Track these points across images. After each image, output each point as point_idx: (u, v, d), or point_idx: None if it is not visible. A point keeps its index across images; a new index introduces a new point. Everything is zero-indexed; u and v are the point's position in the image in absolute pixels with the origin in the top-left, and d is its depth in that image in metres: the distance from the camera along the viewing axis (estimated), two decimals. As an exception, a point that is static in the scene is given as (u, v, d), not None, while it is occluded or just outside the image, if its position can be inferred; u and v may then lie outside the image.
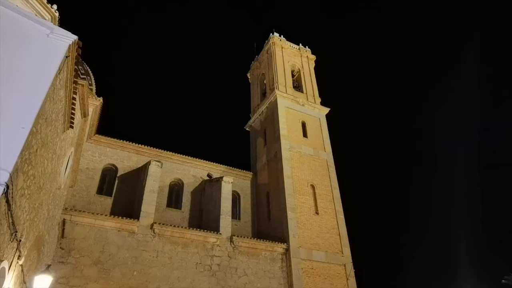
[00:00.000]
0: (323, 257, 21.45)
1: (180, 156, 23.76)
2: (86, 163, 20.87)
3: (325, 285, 20.63)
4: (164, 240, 18.11)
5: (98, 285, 15.77)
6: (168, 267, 17.51)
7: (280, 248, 20.81)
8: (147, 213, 18.42)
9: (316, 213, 23.21)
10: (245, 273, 19.29)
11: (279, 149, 24.67)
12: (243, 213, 24.66)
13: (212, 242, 19.24)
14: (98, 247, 16.55)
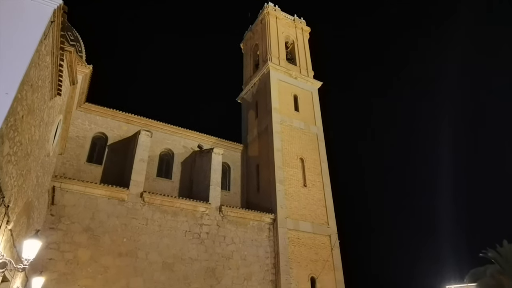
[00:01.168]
0: (309, 228, 22.10)
1: (170, 127, 23.73)
2: (76, 131, 20.77)
3: (310, 254, 21.38)
4: (154, 208, 18.42)
5: (88, 251, 16.14)
6: (158, 235, 17.93)
7: (268, 218, 21.35)
8: (137, 181, 18.61)
9: (304, 186, 23.67)
10: (233, 242, 19.86)
11: (270, 122, 24.75)
12: (233, 184, 25.01)
13: (202, 211, 19.64)
14: (88, 214, 16.80)
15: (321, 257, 21.62)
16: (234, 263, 19.32)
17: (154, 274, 17.04)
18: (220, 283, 18.46)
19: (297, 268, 20.53)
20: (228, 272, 18.92)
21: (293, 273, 20.21)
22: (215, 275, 18.52)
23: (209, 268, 18.50)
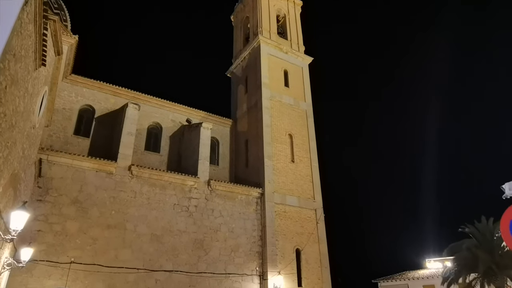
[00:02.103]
0: (295, 202, 22.58)
1: (158, 100, 23.49)
2: (63, 103, 20.44)
3: (296, 227, 21.96)
4: (142, 181, 18.51)
5: (76, 223, 16.28)
6: (146, 207, 18.12)
7: (256, 192, 21.69)
8: (125, 155, 18.59)
9: (292, 161, 23.96)
10: (221, 215, 20.22)
11: (259, 98, 24.67)
12: (221, 159, 25.16)
13: (190, 185, 19.83)
14: (76, 187, 16.82)
15: (306, 230, 22.23)
16: (221, 235, 19.74)
17: (142, 245, 17.34)
18: (208, 254, 18.93)
19: (283, 240, 21.11)
20: (215, 244, 19.37)
21: (279, 245, 20.80)
22: (203, 247, 18.94)
23: (197, 240, 18.90)
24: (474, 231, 23.44)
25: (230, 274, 19.18)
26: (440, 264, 34.07)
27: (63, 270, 15.19)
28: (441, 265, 32.73)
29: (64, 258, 15.43)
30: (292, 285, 20.23)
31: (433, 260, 38.27)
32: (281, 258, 20.52)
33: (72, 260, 15.48)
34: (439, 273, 29.90)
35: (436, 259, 37.63)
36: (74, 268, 15.39)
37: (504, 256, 21.62)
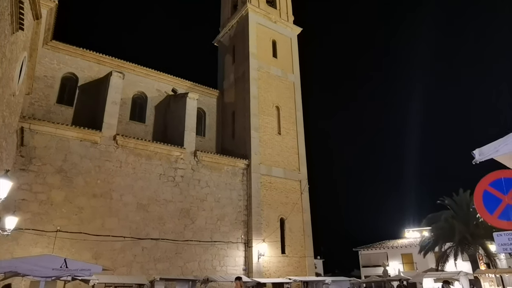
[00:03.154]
0: (281, 173, 22.92)
1: (143, 69, 22.96)
2: (44, 71, 19.80)
3: (281, 198, 22.42)
4: (128, 151, 18.42)
5: (62, 192, 16.24)
6: (132, 177, 18.14)
7: (242, 163, 21.88)
8: (110, 124, 18.35)
9: (279, 133, 24.09)
10: (207, 185, 20.42)
11: (247, 68, 24.35)
12: (208, 130, 25.09)
13: (176, 156, 19.83)
14: (60, 156, 16.64)
15: (291, 200, 22.73)
16: (208, 205, 20.04)
17: (129, 214, 17.50)
18: (194, 223, 19.26)
19: (268, 210, 21.58)
20: (202, 213, 19.68)
21: (264, 214, 21.28)
22: (189, 216, 19.24)
23: (183, 209, 19.15)
24: (452, 203, 24.39)
25: (216, 242, 19.64)
26: (419, 234, 35.55)
27: (49, 238, 15.28)
28: (419, 235, 34.16)
29: (50, 226, 15.49)
30: (276, 252, 20.90)
31: (412, 230, 39.88)
32: (265, 226, 21.05)
33: (58, 228, 15.56)
34: (417, 242, 31.29)
35: (415, 229, 39.21)
36: (61, 237, 15.49)
37: (478, 226, 22.67)
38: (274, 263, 20.64)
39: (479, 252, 23.63)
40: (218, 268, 19.20)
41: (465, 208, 23.76)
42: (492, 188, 3.66)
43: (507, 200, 3.55)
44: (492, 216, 3.61)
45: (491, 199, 3.61)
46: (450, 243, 23.66)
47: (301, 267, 21.72)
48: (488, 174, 3.72)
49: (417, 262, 33.26)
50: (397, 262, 35.79)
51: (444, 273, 21.48)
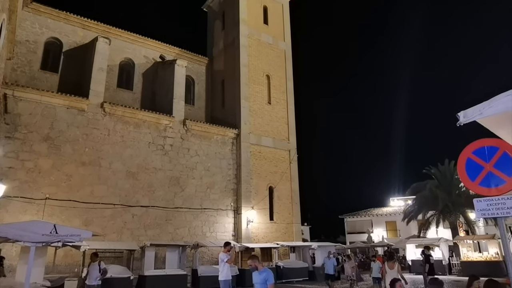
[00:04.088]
0: (270, 143, 23.04)
1: (130, 34, 22.25)
2: (26, 35, 19.04)
3: (270, 167, 22.66)
4: (115, 119, 18.19)
5: (49, 160, 16.10)
6: (120, 145, 18.03)
7: (232, 133, 21.87)
8: (97, 91, 17.99)
9: (269, 103, 23.98)
10: (197, 154, 20.46)
11: (237, 35, 23.79)
12: (197, 98, 24.80)
13: (165, 124, 19.69)
14: (46, 124, 16.37)
15: (279, 169, 23.02)
16: (197, 173, 20.17)
17: (118, 182, 17.54)
18: (184, 191, 19.45)
19: (257, 178, 21.86)
20: (191, 181, 19.84)
21: (253, 183, 21.57)
22: (179, 184, 19.39)
23: (173, 177, 19.26)
24: (437, 172, 25.04)
25: (206, 209, 19.96)
26: (403, 203, 36.61)
27: (38, 206, 15.30)
28: (404, 204, 35.19)
29: (39, 194, 15.47)
30: (264, 219, 21.40)
31: (397, 199, 41.02)
32: (254, 194, 21.40)
33: (47, 196, 15.55)
34: (401, 210, 32.27)
35: (400, 198, 40.34)
36: (50, 204, 15.52)
37: (460, 195, 23.45)
38: (263, 229, 21.17)
39: (459, 220, 24.58)
40: (208, 234, 19.64)
41: (448, 178, 24.45)
42: (475, 156, 3.75)
43: (488, 168, 3.65)
44: (473, 183, 3.72)
45: (474, 166, 3.72)
46: (432, 211, 24.51)
47: (289, 233, 22.35)
48: (472, 143, 3.81)
49: (400, 229, 34.47)
50: (381, 229, 37.03)
51: (425, 240, 22.36)
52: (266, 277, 5.31)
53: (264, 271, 5.42)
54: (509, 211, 3.53)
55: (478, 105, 2.51)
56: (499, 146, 3.62)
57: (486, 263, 19.38)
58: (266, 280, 5.29)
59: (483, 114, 2.40)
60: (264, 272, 5.40)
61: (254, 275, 5.55)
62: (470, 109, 2.55)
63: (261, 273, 5.40)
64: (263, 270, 5.44)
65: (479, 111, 2.43)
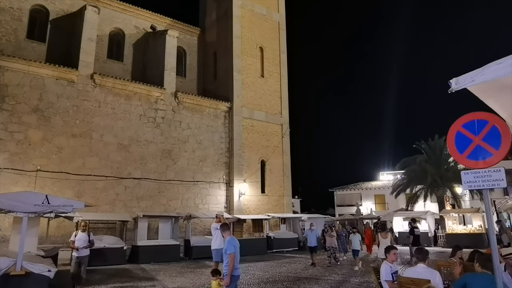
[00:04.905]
0: (263, 117, 22.99)
1: (119, 3, 21.53)
2: (9, 2, 18.31)
3: (262, 141, 22.73)
4: (106, 91, 17.91)
5: (39, 131, 15.91)
6: (112, 117, 17.85)
7: (224, 106, 21.74)
8: (86, 62, 17.59)
9: (262, 76, 23.73)
10: (189, 127, 20.38)
11: (230, 5, 23.16)
12: (189, 70, 24.42)
13: (156, 96, 19.46)
14: (35, 95, 16.06)
15: (272, 143, 23.11)
16: (190, 146, 20.17)
17: (110, 154, 17.49)
18: (176, 164, 19.51)
19: (249, 152, 21.96)
20: (184, 154, 19.87)
21: (245, 157, 21.69)
22: (171, 157, 19.41)
23: (165, 150, 19.24)
24: (426, 147, 25.38)
25: (198, 181, 20.11)
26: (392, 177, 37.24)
27: (30, 177, 15.26)
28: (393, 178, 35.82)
29: (30, 166, 15.39)
30: (256, 191, 21.68)
31: (386, 173, 41.68)
32: (247, 168, 21.56)
33: (38, 168, 15.49)
34: (390, 184, 32.88)
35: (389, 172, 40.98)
36: (41, 176, 15.49)
37: (448, 170, 23.91)
38: (254, 201, 21.50)
39: (446, 194, 25.19)
40: (201, 206, 19.89)
41: (438, 153, 24.84)
42: (464, 129, 3.80)
43: (477, 141, 3.71)
44: (461, 156, 3.79)
45: (463, 139, 3.77)
46: (421, 186, 25.02)
47: (280, 205, 22.74)
48: (462, 116, 3.85)
49: (388, 202, 35.25)
50: (370, 202, 37.83)
51: (412, 213, 22.94)
52: (226, 246, 5.25)
53: (227, 240, 5.35)
54: (494, 183, 3.63)
55: (471, 72, 2.51)
56: (488, 119, 3.67)
57: (469, 235, 20.06)
58: (226, 250, 5.23)
59: (475, 81, 2.41)
60: (226, 241, 5.35)
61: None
62: (462, 76, 2.55)
63: (225, 242, 5.38)
64: (227, 239, 5.38)
65: (471, 78, 2.43)
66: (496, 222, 13.59)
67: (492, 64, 2.33)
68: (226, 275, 5.15)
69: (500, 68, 2.26)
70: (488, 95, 2.99)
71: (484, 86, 2.58)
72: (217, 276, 5.97)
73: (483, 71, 2.38)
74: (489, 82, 2.43)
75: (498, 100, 3.03)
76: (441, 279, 4.33)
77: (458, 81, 2.60)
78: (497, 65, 2.28)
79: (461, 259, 6.57)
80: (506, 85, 2.64)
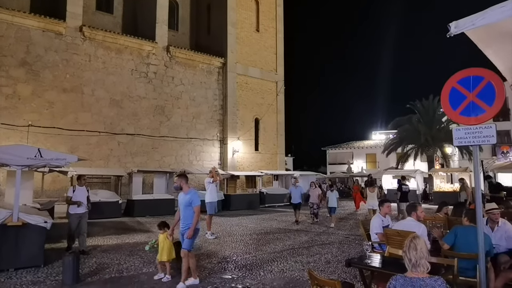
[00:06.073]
0: (257, 74, 22.62)
1: (107, -51, 20.26)
2: None
3: (256, 98, 22.54)
4: (96, 44, 17.34)
5: (29, 86, 15.55)
6: (103, 72, 17.43)
7: (218, 62, 21.27)
8: (74, 14, 16.84)
9: (257, 31, 23.05)
10: (181, 83, 20.04)
11: (224, -47, 21.91)
12: (181, 24, 23.55)
13: (148, 51, 18.92)
14: (21, 47, 15.50)
15: (266, 101, 22.95)
16: (183, 103, 19.97)
17: (102, 109, 17.28)
18: (170, 120, 19.40)
19: (243, 110, 21.84)
20: (177, 111, 19.71)
21: (239, 114, 21.60)
22: (164, 113, 19.26)
23: (158, 106, 19.04)
24: (420, 107, 25.43)
25: (192, 138, 20.15)
26: (385, 136, 37.62)
27: (21, 133, 15.12)
28: (385, 137, 36.18)
29: (21, 121, 15.20)
30: (249, 149, 21.86)
31: (379, 132, 42.04)
32: (241, 126, 21.56)
33: (29, 123, 15.31)
34: (382, 144, 33.29)
35: (382, 131, 41.34)
36: (33, 131, 15.35)
37: (440, 130, 24.16)
38: (248, 158, 21.73)
39: (436, 154, 25.63)
40: (195, 163, 20.08)
41: (431, 113, 24.94)
42: (459, 85, 3.78)
43: (471, 98, 3.71)
44: (454, 112, 3.80)
45: (457, 95, 3.76)
46: (412, 145, 25.37)
47: (273, 162, 23.05)
48: (458, 72, 3.81)
49: (379, 161, 35.87)
50: (362, 161, 38.49)
51: (402, 171, 23.42)
52: (191, 198, 4.94)
53: (190, 192, 5.02)
54: (484, 140, 3.67)
55: (471, 16, 2.43)
56: (484, 75, 3.64)
57: (456, 193, 20.67)
58: (191, 202, 4.94)
59: (475, 25, 2.34)
60: (190, 193, 5.00)
61: (179, 196, 5.20)
62: (462, 20, 2.48)
63: (186, 195, 5.02)
64: (188, 192, 5.03)
65: (472, 21, 2.36)
66: (485, 178, 14.00)
67: (495, 7, 2.25)
68: (187, 228, 4.91)
69: (503, 11, 2.18)
70: (487, 44, 2.92)
71: (483, 32, 2.51)
72: (165, 229, 5.48)
73: (485, 15, 2.31)
74: (489, 28, 2.35)
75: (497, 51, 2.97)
76: (425, 230, 4.51)
77: (458, 24, 2.52)
78: (500, 8, 2.21)
79: (446, 214, 6.86)
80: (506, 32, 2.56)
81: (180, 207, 5.11)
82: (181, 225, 5.04)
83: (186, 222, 4.98)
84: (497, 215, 4.82)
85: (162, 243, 5.38)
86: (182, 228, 5.02)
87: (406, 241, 2.61)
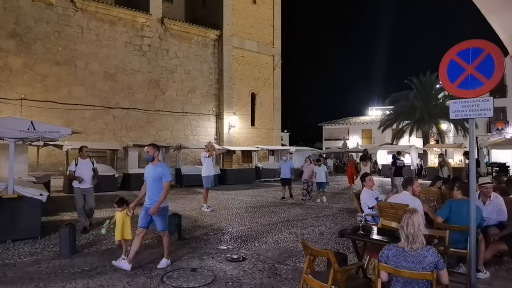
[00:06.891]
0: (254, 47, 22.24)
1: None
2: None
3: (253, 73, 22.26)
4: (88, 16, 16.87)
5: (20, 58, 15.23)
6: (96, 44, 17.05)
7: (213, 34, 20.84)
8: (64, -18, 16.28)
9: (254, 2, 22.48)
10: (176, 56, 19.68)
11: None
12: (176, -5, 22.90)
13: (142, 23, 18.46)
14: (11, 18, 15.06)
15: (263, 76, 22.68)
16: (178, 77, 19.69)
17: (96, 83, 17.02)
18: (165, 94, 19.19)
19: (240, 84, 21.61)
20: (172, 85, 19.46)
21: (236, 89, 21.39)
22: (159, 87, 19.02)
23: (152, 79, 18.78)
24: (417, 83, 25.24)
25: (188, 113, 20.01)
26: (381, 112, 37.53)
27: (14, 106, 14.93)
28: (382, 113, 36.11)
29: (13, 94, 14.98)
30: (246, 124, 21.79)
31: (375, 108, 41.92)
32: (237, 100, 21.39)
33: (22, 96, 15.11)
34: (378, 119, 33.25)
35: (378, 107, 41.22)
36: (27, 105, 15.16)
37: (436, 106, 24.10)
38: (244, 134, 21.70)
39: (431, 130, 25.69)
40: (191, 137, 20.03)
41: (428, 89, 24.80)
42: (458, 57, 3.71)
43: (469, 70, 3.65)
44: (452, 85, 3.75)
45: (456, 68, 3.70)
46: (407, 121, 25.36)
47: (269, 138, 23.06)
48: (458, 44, 3.74)
49: (375, 137, 35.97)
50: (357, 136, 38.55)
51: (397, 147, 23.52)
52: (162, 173, 4.49)
53: (160, 165, 4.57)
54: (481, 113, 3.65)
55: None
56: (484, 47, 3.58)
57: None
58: (161, 176, 4.48)
59: None
60: (160, 167, 4.54)
61: (147, 169, 4.67)
62: None
63: (157, 167, 4.55)
64: (159, 165, 4.58)
65: None
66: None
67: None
68: (153, 203, 4.45)
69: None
70: (491, 10, 2.85)
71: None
72: (124, 206, 4.90)
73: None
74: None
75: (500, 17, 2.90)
76: (421, 204, 4.56)
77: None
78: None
79: (439, 189, 6.95)
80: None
81: (148, 181, 4.60)
82: (147, 201, 4.58)
83: (153, 198, 4.51)
84: (490, 189, 4.90)
85: (121, 220, 4.81)
86: (148, 204, 4.54)
87: (403, 215, 2.62)
